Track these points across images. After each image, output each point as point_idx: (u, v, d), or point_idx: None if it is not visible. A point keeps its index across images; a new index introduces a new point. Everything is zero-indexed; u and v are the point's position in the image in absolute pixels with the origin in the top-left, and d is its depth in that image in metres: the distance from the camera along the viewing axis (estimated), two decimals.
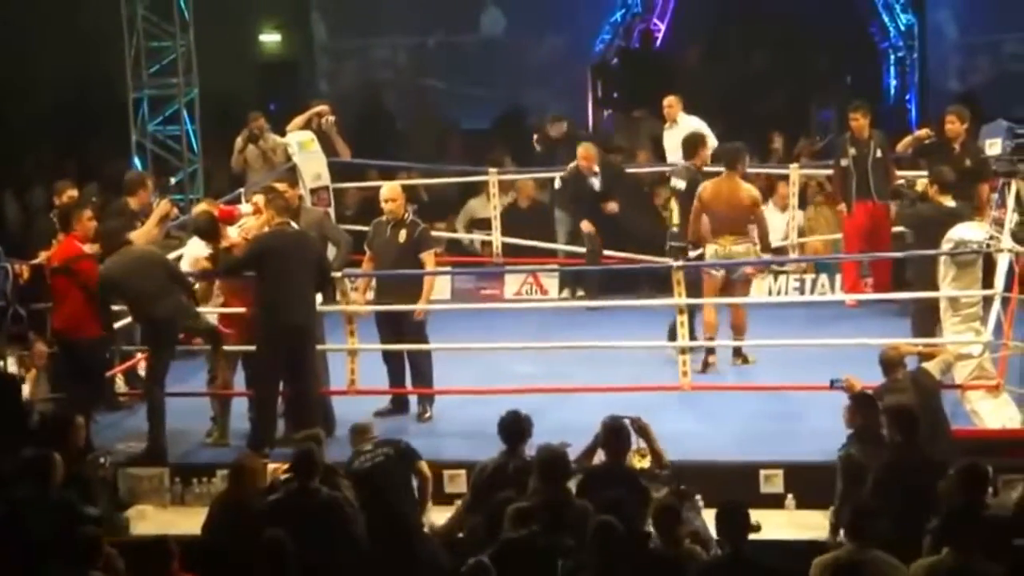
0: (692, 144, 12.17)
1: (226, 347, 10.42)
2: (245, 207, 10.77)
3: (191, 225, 10.99)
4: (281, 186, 11.08)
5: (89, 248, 10.45)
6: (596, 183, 13.28)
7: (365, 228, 11.37)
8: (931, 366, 9.58)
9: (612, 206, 13.05)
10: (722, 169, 11.51)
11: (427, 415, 10.63)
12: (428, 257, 10.88)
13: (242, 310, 10.45)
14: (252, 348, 10.32)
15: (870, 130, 12.87)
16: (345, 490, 8.28)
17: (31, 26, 17.54)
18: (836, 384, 9.18)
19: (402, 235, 10.80)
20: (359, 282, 11.23)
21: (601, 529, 7.02)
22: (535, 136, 14.68)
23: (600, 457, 8.39)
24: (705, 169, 11.91)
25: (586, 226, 13.29)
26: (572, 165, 13.46)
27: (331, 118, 14.12)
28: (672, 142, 14.11)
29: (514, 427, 8.43)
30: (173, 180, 14.44)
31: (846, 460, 8.52)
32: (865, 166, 12.75)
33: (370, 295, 11.34)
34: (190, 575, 7.51)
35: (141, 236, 10.91)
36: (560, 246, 14.11)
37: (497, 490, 8.02)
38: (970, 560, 6.91)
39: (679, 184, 11.99)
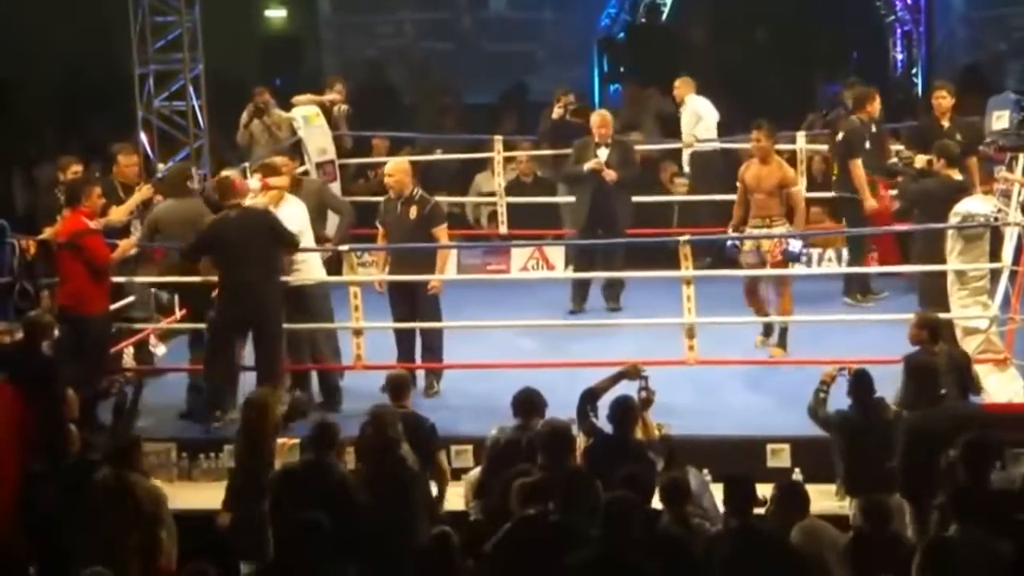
0: (860, 97, 12.58)
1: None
2: (253, 182, 10.75)
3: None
4: (281, 159, 11.13)
5: (95, 224, 10.45)
6: (604, 155, 12.63)
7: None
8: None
9: (610, 173, 12.38)
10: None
11: (435, 390, 10.64)
12: (441, 232, 10.90)
13: None
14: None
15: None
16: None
17: (35, 2, 17.51)
18: (841, 374, 9.11)
19: (413, 211, 10.82)
20: (368, 256, 11.21)
21: (613, 505, 6.99)
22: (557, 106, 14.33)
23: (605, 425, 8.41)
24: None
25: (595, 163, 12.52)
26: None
27: (344, 106, 14.08)
28: (681, 124, 14.15)
29: (528, 401, 8.43)
30: (162, 167, 14.32)
31: (840, 417, 8.62)
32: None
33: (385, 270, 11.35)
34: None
35: (116, 215, 11.02)
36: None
37: (511, 463, 8.01)
38: (977, 535, 6.89)
39: (839, 136, 12.35)
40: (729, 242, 11.14)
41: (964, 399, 8.85)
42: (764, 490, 7.57)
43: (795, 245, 11.10)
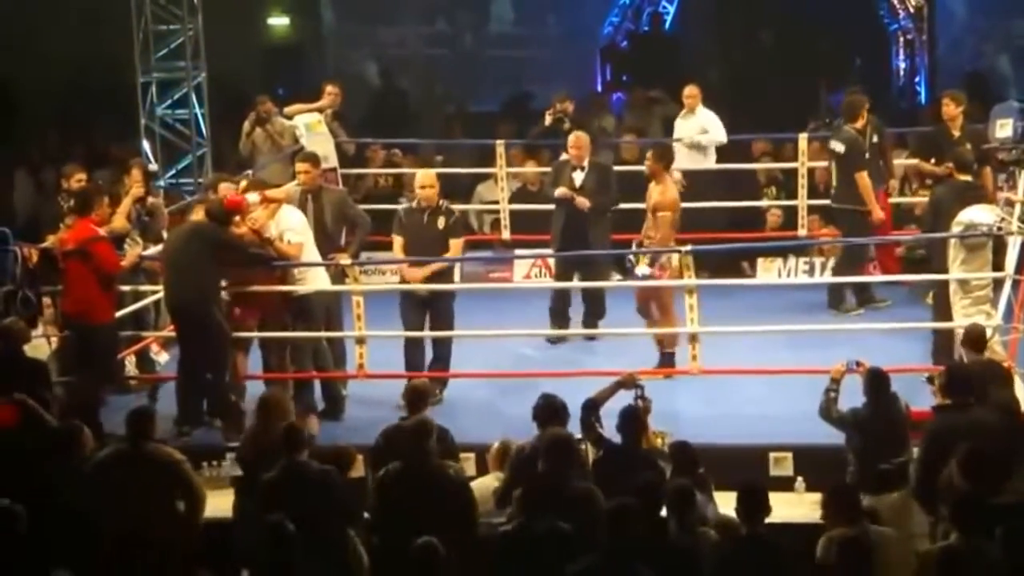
0: (853, 107, 12.48)
1: (238, 333, 10.54)
2: (253, 197, 10.74)
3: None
4: (305, 165, 11.18)
5: (103, 232, 10.48)
6: (579, 178, 12.05)
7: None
8: None
9: (582, 201, 11.95)
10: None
11: (437, 398, 10.63)
12: (456, 244, 10.92)
13: (260, 288, 10.57)
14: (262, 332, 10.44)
15: (867, 116, 12.84)
16: None
17: (39, 9, 17.54)
18: (850, 367, 9.10)
19: (440, 222, 10.81)
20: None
21: (614, 512, 6.99)
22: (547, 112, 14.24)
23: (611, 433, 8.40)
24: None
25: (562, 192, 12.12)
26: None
27: (329, 110, 14.09)
28: (685, 131, 13.98)
29: (548, 410, 8.42)
30: (150, 174, 14.34)
31: (855, 415, 8.64)
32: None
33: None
34: None
35: (119, 222, 11.12)
36: None
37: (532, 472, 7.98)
38: (981, 546, 6.87)
39: (838, 147, 12.36)
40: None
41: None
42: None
43: (641, 270, 10.94)
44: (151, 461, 8.23)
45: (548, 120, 13.73)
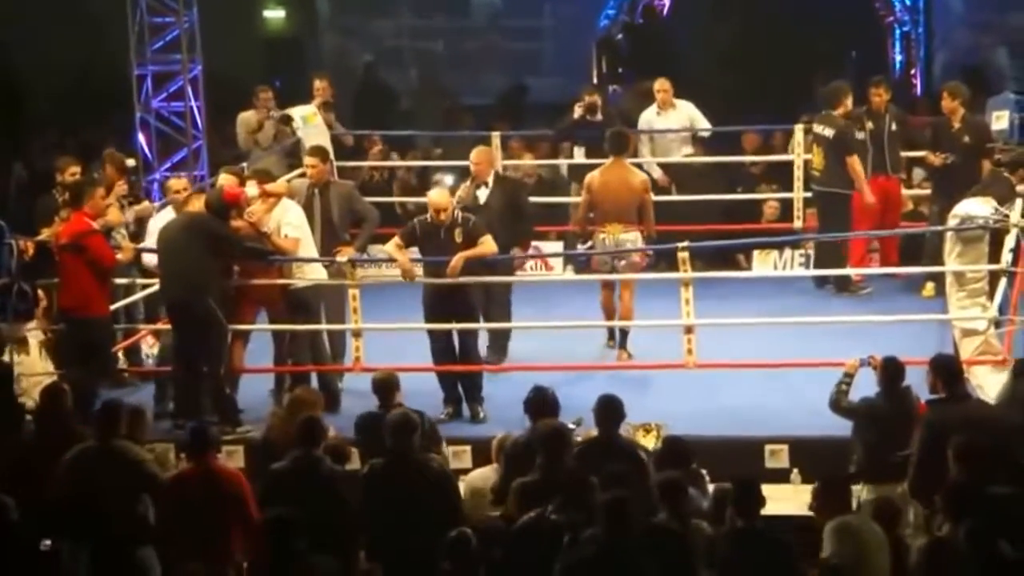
0: (835, 94, 12.77)
1: (237, 326, 10.52)
2: (252, 190, 10.72)
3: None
4: (313, 160, 11.20)
5: (97, 225, 10.47)
6: (483, 195, 11.28)
7: None
8: None
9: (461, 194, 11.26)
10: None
11: (481, 416, 10.40)
12: (484, 241, 10.49)
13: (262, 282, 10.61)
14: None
15: (886, 104, 12.91)
16: None
17: (34, 3, 17.52)
18: (863, 363, 9.07)
19: (458, 234, 10.44)
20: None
21: (613, 504, 6.98)
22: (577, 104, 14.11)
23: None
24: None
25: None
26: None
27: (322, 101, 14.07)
28: (668, 125, 13.99)
29: (539, 402, 8.41)
30: (131, 173, 14.31)
31: (868, 405, 8.58)
32: (882, 140, 12.80)
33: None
34: None
35: (113, 215, 11.03)
36: None
37: (528, 464, 7.94)
38: (974, 536, 6.87)
39: (825, 131, 12.58)
40: None
41: None
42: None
43: None
44: (118, 458, 8.20)
45: (578, 112, 13.71)
